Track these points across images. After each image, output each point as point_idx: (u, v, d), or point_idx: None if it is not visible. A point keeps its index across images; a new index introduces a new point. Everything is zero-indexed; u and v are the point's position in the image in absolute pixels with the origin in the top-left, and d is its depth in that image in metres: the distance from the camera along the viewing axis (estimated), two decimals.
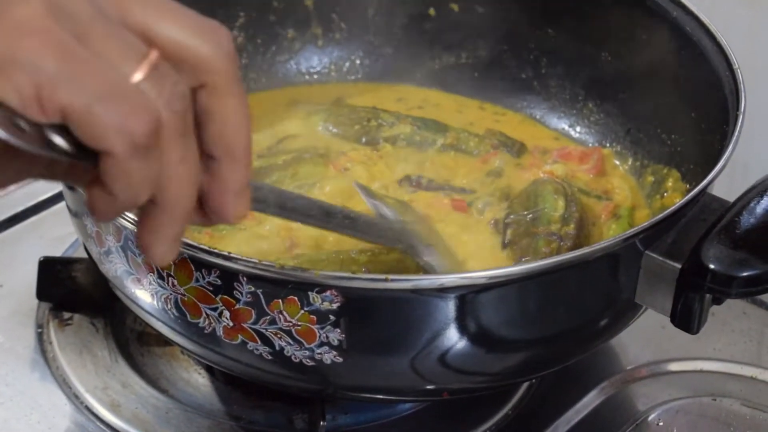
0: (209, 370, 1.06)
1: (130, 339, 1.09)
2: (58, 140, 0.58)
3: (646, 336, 1.10)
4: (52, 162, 0.64)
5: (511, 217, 1.08)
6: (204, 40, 0.63)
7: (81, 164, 0.60)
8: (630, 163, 1.17)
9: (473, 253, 1.05)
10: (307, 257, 0.99)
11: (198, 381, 1.06)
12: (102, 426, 1.01)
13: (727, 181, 0.98)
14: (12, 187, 1.43)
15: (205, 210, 0.67)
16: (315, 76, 1.29)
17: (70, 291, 1.10)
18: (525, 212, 1.08)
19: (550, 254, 1.03)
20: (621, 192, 1.14)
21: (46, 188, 1.25)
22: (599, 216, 1.11)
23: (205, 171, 0.65)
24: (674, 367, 1.10)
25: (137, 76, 0.60)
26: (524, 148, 1.18)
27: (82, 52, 0.58)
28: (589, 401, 1.05)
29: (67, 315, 1.10)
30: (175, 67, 0.62)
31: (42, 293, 1.10)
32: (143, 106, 0.59)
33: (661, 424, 1.04)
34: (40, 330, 1.10)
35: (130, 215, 0.86)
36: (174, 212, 0.63)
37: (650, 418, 1.04)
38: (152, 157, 0.61)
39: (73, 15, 0.59)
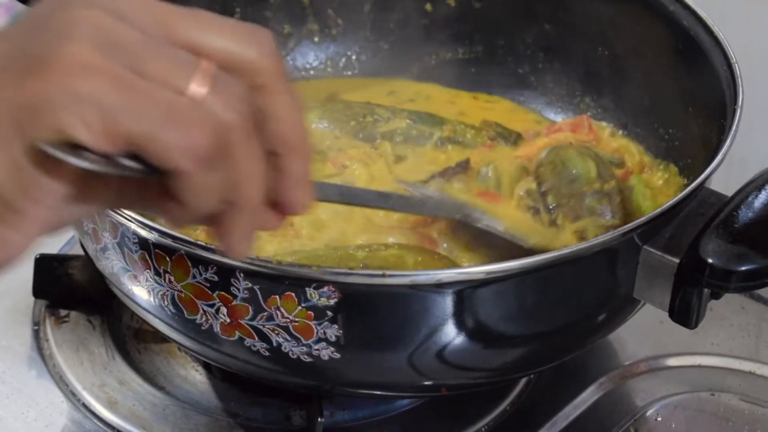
0: (206, 366, 1.06)
1: (127, 336, 1.09)
2: (129, 163, 0.61)
3: (644, 331, 1.10)
4: (122, 186, 0.66)
5: (544, 186, 1.08)
6: (248, 44, 0.65)
7: (153, 180, 0.63)
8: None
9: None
10: (304, 253, 0.99)
11: (195, 378, 1.05)
12: (99, 423, 1.01)
13: (725, 176, 0.98)
14: None
15: (273, 205, 0.69)
16: (311, 72, 1.29)
17: (67, 288, 1.09)
18: (558, 179, 1.08)
19: (609, 210, 1.04)
20: (630, 156, 1.14)
21: None
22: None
23: (269, 167, 0.67)
24: (672, 362, 1.09)
25: (195, 88, 0.62)
26: (520, 138, 1.18)
27: (137, 81, 0.60)
28: (588, 397, 1.05)
29: (63, 312, 1.10)
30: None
31: (38, 291, 1.10)
32: (203, 120, 0.61)
33: (659, 419, 1.04)
34: (36, 327, 1.09)
35: (128, 212, 0.86)
36: (249, 210, 0.65)
37: (649, 414, 1.04)
38: (222, 165, 0.62)
39: (121, 44, 0.61)
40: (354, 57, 1.28)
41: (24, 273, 1.11)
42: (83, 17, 0.61)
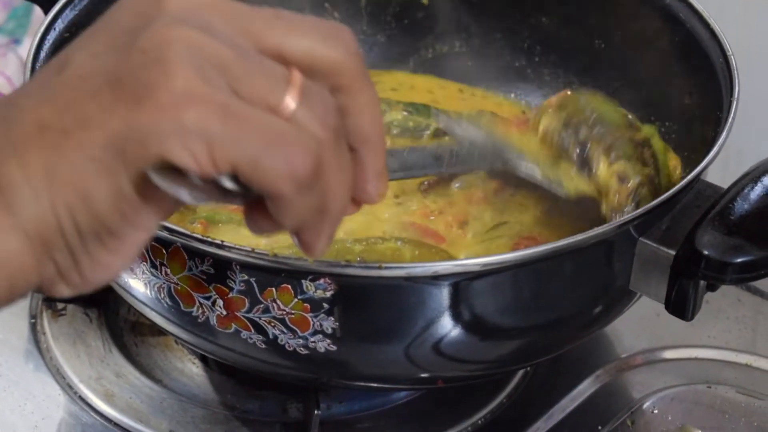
0: (203, 359, 1.06)
1: (124, 329, 1.09)
2: (230, 185, 0.61)
3: (640, 323, 1.10)
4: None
5: (572, 127, 1.05)
6: (332, 45, 0.65)
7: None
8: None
9: None
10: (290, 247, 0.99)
11: (192, 371, 1.05)
12: (96, 416, 1.01)
13: (721, 167, 0.98)
14: None
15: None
16: None
17: None
18: (587, 123, 1.06)
19: (645, 158, 1.03)
20: None
21: None
22: None
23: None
24: (669, 354, 1.10)
25: (290, 105, 0.62)
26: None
27: (238, 107, 0.61)
28: (584, 389, 1.05)
29: (60, 305, 1.10)
30: (311, 77, 0.64)
31: None
32: (302, 143, 0.62)
33: (656, 411, 1.04)
34: (33, 320, 1.09)
35: None
36: (337, 216, 0.66)
37: (645, 406, 1.04)
38: (317, 183, 0.63)
39: (218, 65, 0.61)
40: None
41: None
42: (177, 37, 0.61)
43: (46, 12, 1.07)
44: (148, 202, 0.63)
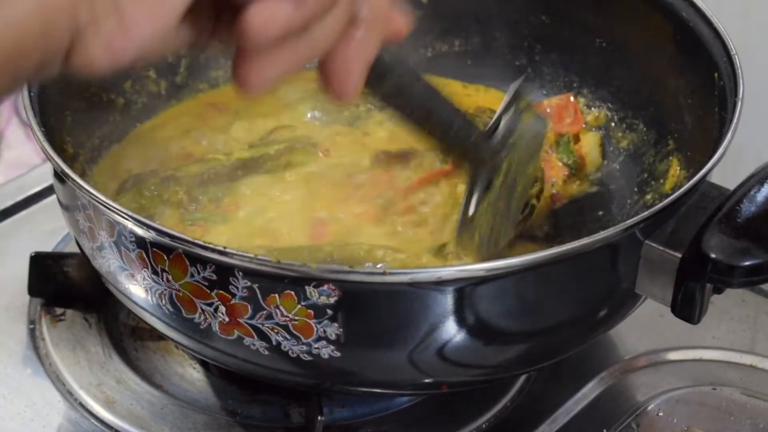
0: (204, 364, 1.05)
1: (124, 334, 1.08)
2: None
3: (644, 325, 1.09)
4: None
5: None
6: None
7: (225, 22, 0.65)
8: (625, 148, 1.16)
9: None
10: (267, 248, 0.98)
11: (193, 376, 1.05)
12: (97, 423, 1.00)
13: (721, 165, 0.97)
14: (0, 179, 1.42)
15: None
16: (307, 66, 1.27)
17: (62, 286, 1.08)
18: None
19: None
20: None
21: (35, 182, 1.24)
22: None
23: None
24: (673, 356, 1.09)
25: None
26: None
27: None
28: (588, 392, 1.05)
29: (59, 311, 1.09)
30: None
31: (33, 289, 1.09)
32: None
33: (661, 414, 1.03)
34: (32, 326, 1.08)
35: (124, 210, 0.86)
36: (377, 23, 0.68)
37: (650, 408, 1.04)
38: None
39: None
40: None
41: (18, 270, 1.10)
42: None
43: None
44: None
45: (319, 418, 0.96)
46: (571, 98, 1.19)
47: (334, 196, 1.08)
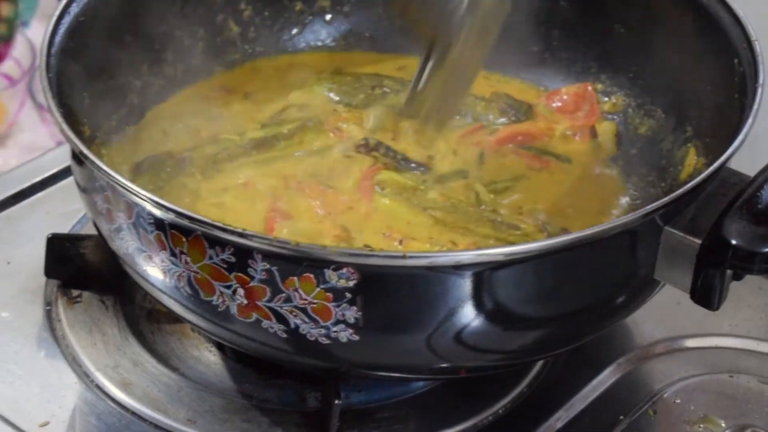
0: (220, 348, 1.05)
1: (140, 317, 1.08)
2: None
3: (661, 313, 1.09)
4: None
5: None
6: None
7: None
8: (643, 134, 1.16)
9: None
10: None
11: (209, 359, 1.05)
12: (113, 404, 1.00)
13: (737, 153, 0.96)
14: (14, 162, 1.42)
15: None
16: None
17: (79, 268, 1.09)
18: None
19: None
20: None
21: (51, 164, 1.24)
22: None
23: None
24: (690, 343, 1.09)
25: None
26: (531, 109, 1.18)
27: None
28: (605, 378, 1.04)
29: (75, 292, 1.09)
30: None
31: (50, 271, 1.09)
32: None
33: (678, 401, 1.03)
34: (48, 308, 1.08)
35: (143, 191, 0.86)
36: None
37: (667, 395, 1.03)
38: None
39: None
40: (367, 34, 1.27)
41: (35, 252, 1.10)
42: None
43: None
44: None
45: (336, 402, 0.96)
46: (589, 88, 1.18)
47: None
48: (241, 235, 0.83)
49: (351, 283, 0.83)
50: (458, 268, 0.85)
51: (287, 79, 1.22)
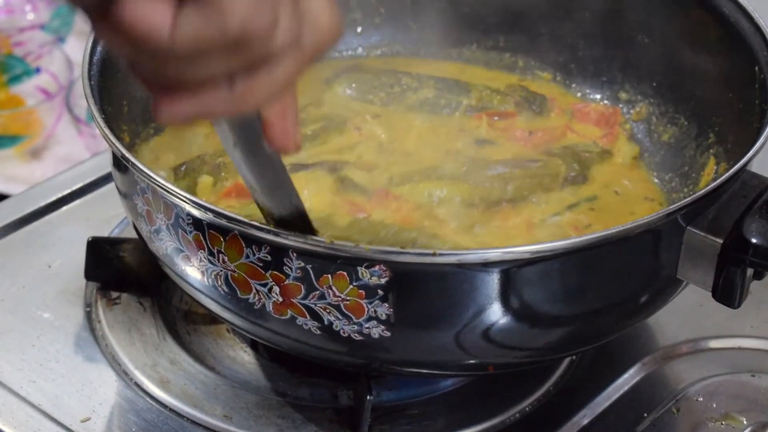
0: (254, 347, 1.08)
1: (177, 318, 1.11)
2: None
3: (684, 314, 1.11)
4: None
5: None
6: None
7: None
8: (667, 141, 1.18)
9: None
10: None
11: (244, 358, 1.07)
12: (151, 401, 1.03)
13: (757, 158, 0.99)
14: (51, 174, 1.45)
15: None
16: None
17: (118, 271, 1.11)
18: None
19: None
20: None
21: (91, 172, 1.27)
22: None
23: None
24: (713, 344, 1.11)
25: None
26: (546, 102, 1.21)
27: None
28: (630, 377, 1.07)
29: (115, 294, 1.12)
30: None
31: (90, 273, 1.12)
32: None
33: (700, 399, 1.05)
34: (88, 309, 1.11)
35: (182, 192, 0.88)
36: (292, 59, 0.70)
37: (690, 394, 1.05)
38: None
39: None
40: (397, 45, 1.30)
41: (75, 256, 1.13)
42: None
43: None
44: None
45: (368, 398, 0.98)
46: (618, 108, 1.21)
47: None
48: (276, 234, 0.86)
49: (383, 281, 0.86)
50: (486, 265, 0.87)
51: (306, 76, 1.24)
